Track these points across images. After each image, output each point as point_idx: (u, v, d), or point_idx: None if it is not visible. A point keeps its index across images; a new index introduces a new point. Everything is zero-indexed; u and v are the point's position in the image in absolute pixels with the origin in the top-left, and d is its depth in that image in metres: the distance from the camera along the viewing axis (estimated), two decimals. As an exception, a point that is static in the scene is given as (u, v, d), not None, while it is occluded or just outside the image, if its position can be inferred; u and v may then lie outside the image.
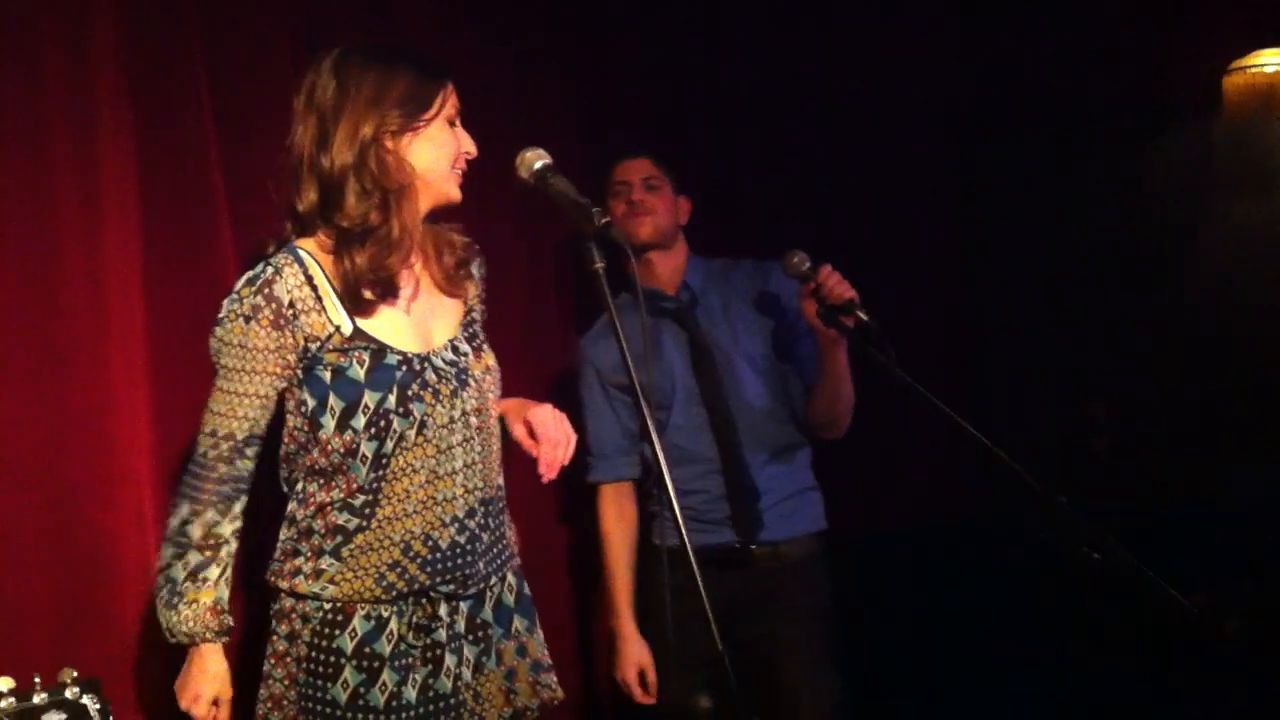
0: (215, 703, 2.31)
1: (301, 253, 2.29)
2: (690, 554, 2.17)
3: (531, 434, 2.36)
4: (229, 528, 2.30)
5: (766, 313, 3.24)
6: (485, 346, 2.44)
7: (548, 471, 2.33)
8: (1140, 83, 3.99)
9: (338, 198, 2.25)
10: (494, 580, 2.37)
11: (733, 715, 2.68)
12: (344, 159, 2.23)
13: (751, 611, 3.01)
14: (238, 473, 2.29)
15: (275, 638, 2.32)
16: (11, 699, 1.88)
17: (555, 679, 2.46)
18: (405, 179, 2.28)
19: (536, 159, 2.31)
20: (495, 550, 2.37)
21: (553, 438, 2.34)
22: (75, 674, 1.93)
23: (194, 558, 2.27)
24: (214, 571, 2.28)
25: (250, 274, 2.28)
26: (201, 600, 2.26)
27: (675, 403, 3.14)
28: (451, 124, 2.34)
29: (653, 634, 3.15)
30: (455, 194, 2.37)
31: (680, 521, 2.21)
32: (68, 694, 1.92)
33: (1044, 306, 4.17)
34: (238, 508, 2.31)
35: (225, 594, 2.30)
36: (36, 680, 1.91)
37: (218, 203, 2.91)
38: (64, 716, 1.90)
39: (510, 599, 2.41)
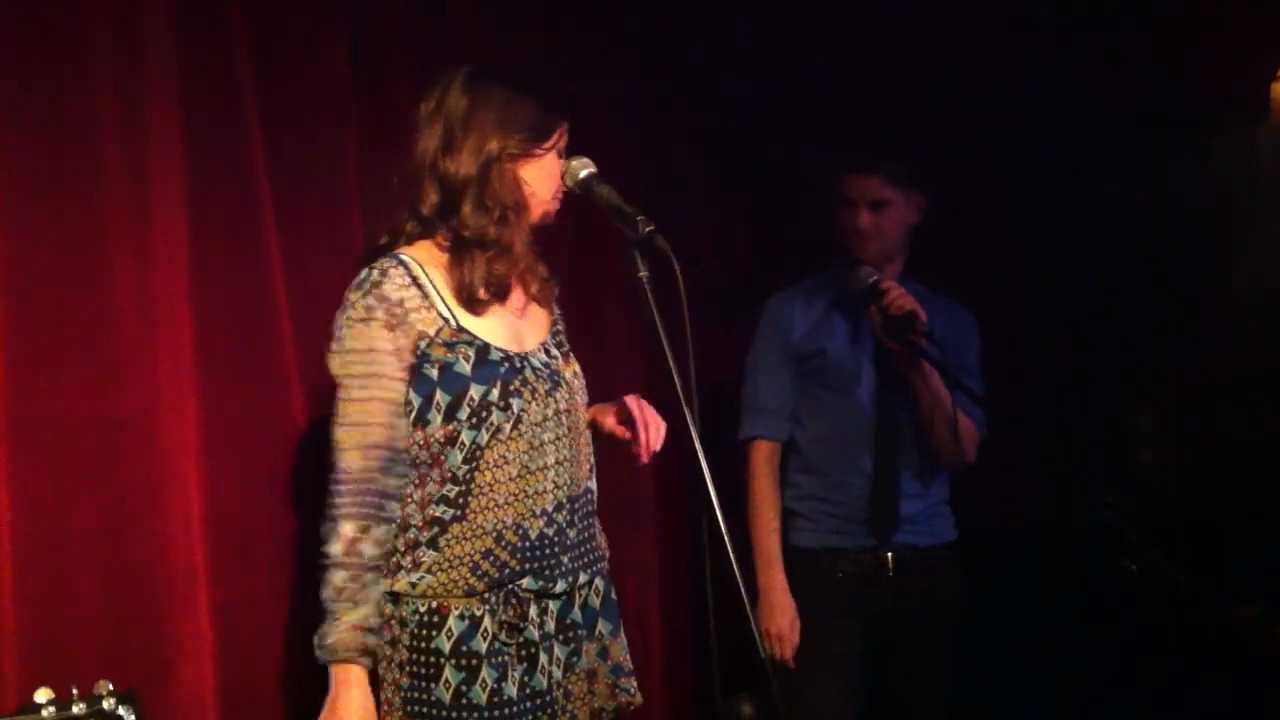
0: None
1: (405, 257, 2.38)
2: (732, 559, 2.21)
3: (622, 421, 2.46)
4: (372, 544, 2.28)
5: (952, 349, 3.17)
6: (571, 354, 2.53)
7: (644, 454, 2.42)
8: (1189, 87, 3.94)
9: (457, 203, 2.36)
10: (582, 579, 2.40)
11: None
12: (468, 169, 2.35)
13: (888, 616, 3.09)
14: (379, 486, 2.29)
15: (380, 642, 2.33)
16: (51, 709, 1.88)
17: (635, 684, 2.49)
18: (522, 198, 2.38)
19: (582, 168, 2.40)
20: (583, 549, 2.42)
21: (645, 420, 2.42)
22: (111, 686, 1.93)
23: (338, 576, 2.26)
24: (357, 590, 2.25)
25: (356, 281, 2.37)
26: (349, 619, 2.24)
27: (850, 391, 3.15)
28: (561, 155, 2.44)
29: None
30: (552, 214, 2.48)
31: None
32: (104, 705, 1.92)
33: (1089, 314, 4.13)
34: (381, 525, 2.29)
35: (373, 612, 2.27)
36: (74, 691, 1.91)
37: (264, 211, 2.91)
38: None
39: (596, 602, 2.45)
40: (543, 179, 2.41)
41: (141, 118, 2.71)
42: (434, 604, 2.30)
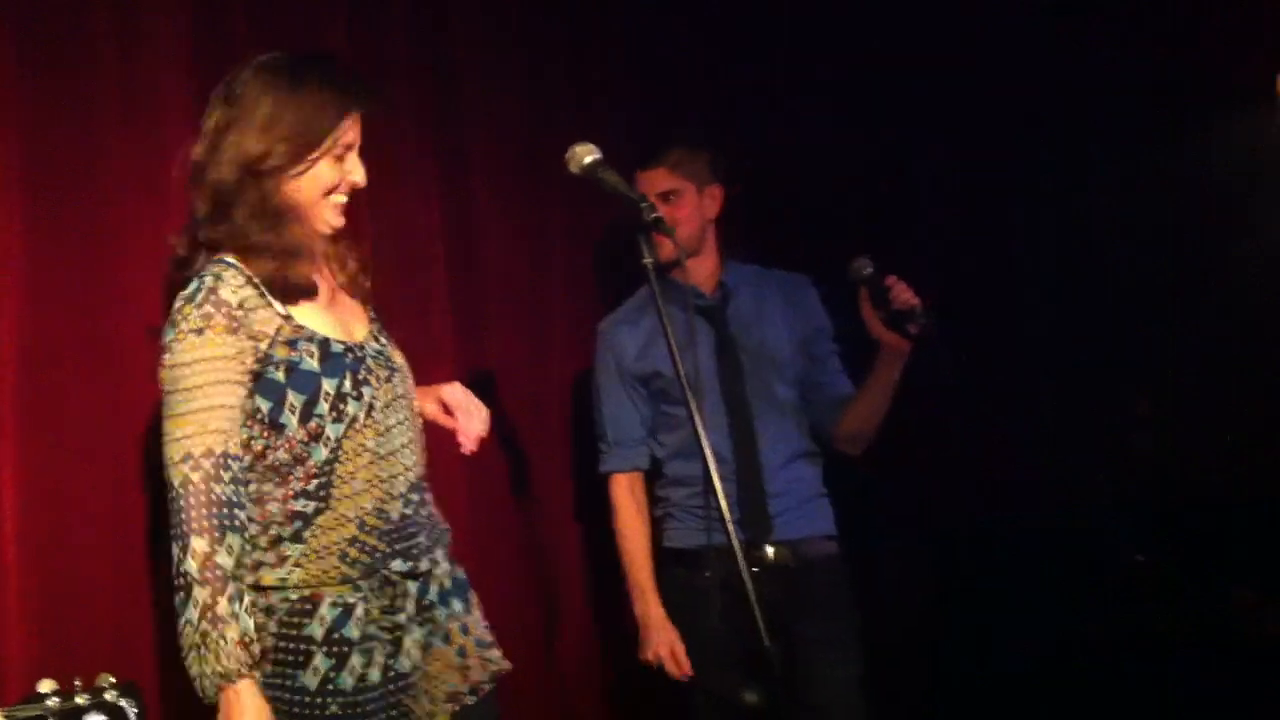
0: None
1: (231, 260, 2.30)
2: (737, 548, 2.29)
3: (446, 411, 2.51)
4: (228, 557, 2.17)
5: (797, 322, 3.25)
6: (392, 342, 2.51)
7: (467, 443, 2.47)
8: (1196, 72, 3.90)
9: (226, 212, 2.29)
10: (437, 557, 2.41)
11: (776, 707, 2.73)
12: (229, 177, 2.27)
13: (772, 611, 2.98)
14: (226, 496, 2.19)
15: None
16: (55, 699, 1.89)
17: (499, 653, 2.50)
18: (288, 203, 2.32)
19: (587, 154, 2.38)
20: (430, 525, 2.42)
21: (467, 409, 2.48)
22: (113, 679, 1.94)
23: (202, 594, 2.14)
24: (226, 605, 2.14)
25: (187, 293, 2.26)
26: (228, 636, 2.13)
27: (700, 399, 3.10)
28: (341, 158, 2.34)
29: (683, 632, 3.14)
30: (335, 222, 2.40)
31: (726, 514, 2.28)
32: (107, 696, 1.92)
33: (1086, 299, 4.11)
34: (232, 536, 2.19)
35: (251, 625, 2.17)
36: (77, 683, 1.91)
37: None
38: (103, 718, 1.91)
39: (449, 582, 2.44)
40: (312, 188, 2.32)
41: (150, 102, 2.77)
42: (306, 593, 2.27)
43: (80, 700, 1.90)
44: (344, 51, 3.08)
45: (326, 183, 2.33)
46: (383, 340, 2.47)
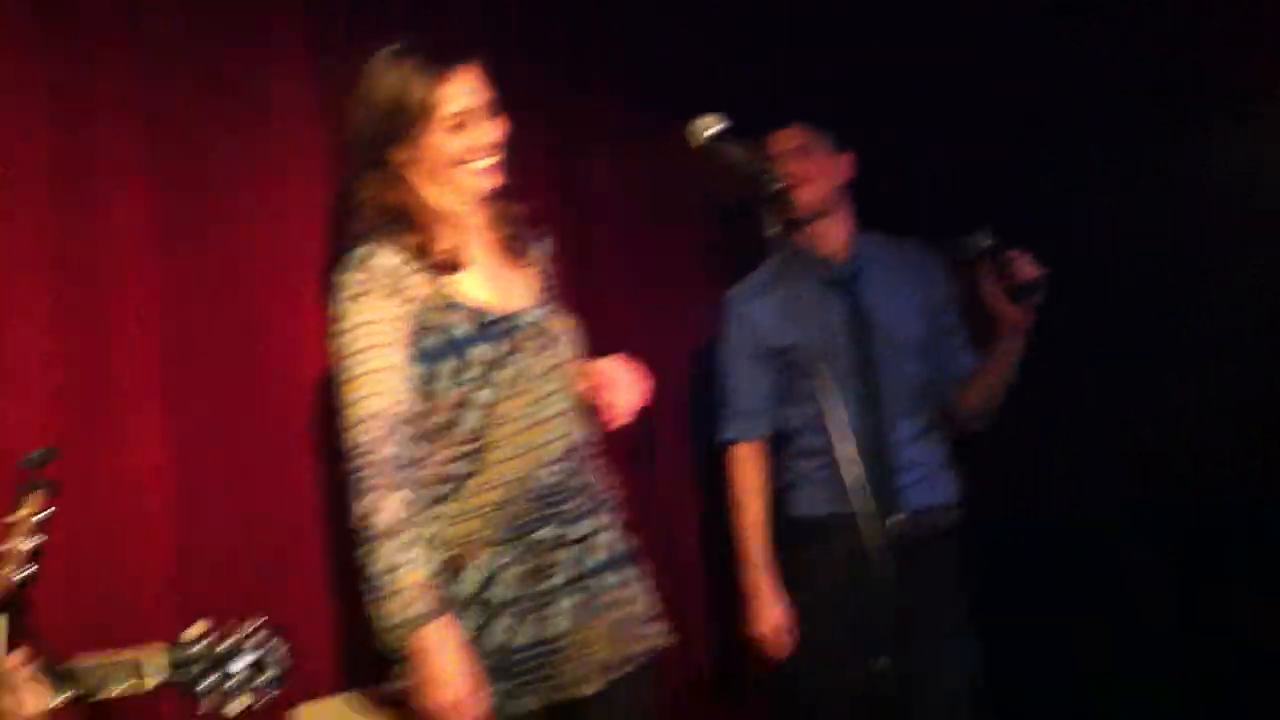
0: (469, 689, 2.25)
1: (377, 238, 2.38)
2: (865, 519, 2.36)
3: (596, 385, 2.47)
4: (409, 510, 2.27)
5: (926, 293, 3.24)
6: (561, 309, 2.52)
7: (611, 418, 2.45)
8: (1196, 72, 3.95)
9: (365, 195, 2.39)
10: (595, 525, 2.43)
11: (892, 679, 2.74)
12: (359, 162, 2.39)
13: (894, 584, 3.00)
14: (400, 455, 2.28)
15: None
16: (205, 641, 2.01)
17: (663, 627, 2.50)
18: (424, 179, 2.39)
19: (711, 125, 2.35)
20: (590, 494, 2.44)
21: (612, 383, 2.44)
22: (261, 623, 2.05)
23: (386, 547, 2.24)
24: (411, 554, 2.24)
25: (344, 263, 2.36)
26: (409, 582, 2.22)
27: (831, 371, 3.12)
28: (458, 127, 2.36)
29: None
30: (479, 188, 2.42)
31: (855, 486, 2.34)
32: (255, 640, 2.04)
33: (1100, 295, 4.13)
34: (410, 490, 2.28)
35: (429, 570, 2.25)
36: (227, 626, 2.03)
37: None
38: (252, 660, 2.02)
39: (613, 551, 2.46)
40: (442, 164, 2.38)
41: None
42: (455, 553, 2.33)
43: (230, 643, 2.02)
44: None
45: (451, 154, 2.36)
46: (544, 308, 2.48)
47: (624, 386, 2.45)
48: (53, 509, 2.07)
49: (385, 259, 2.34)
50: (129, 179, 2.64)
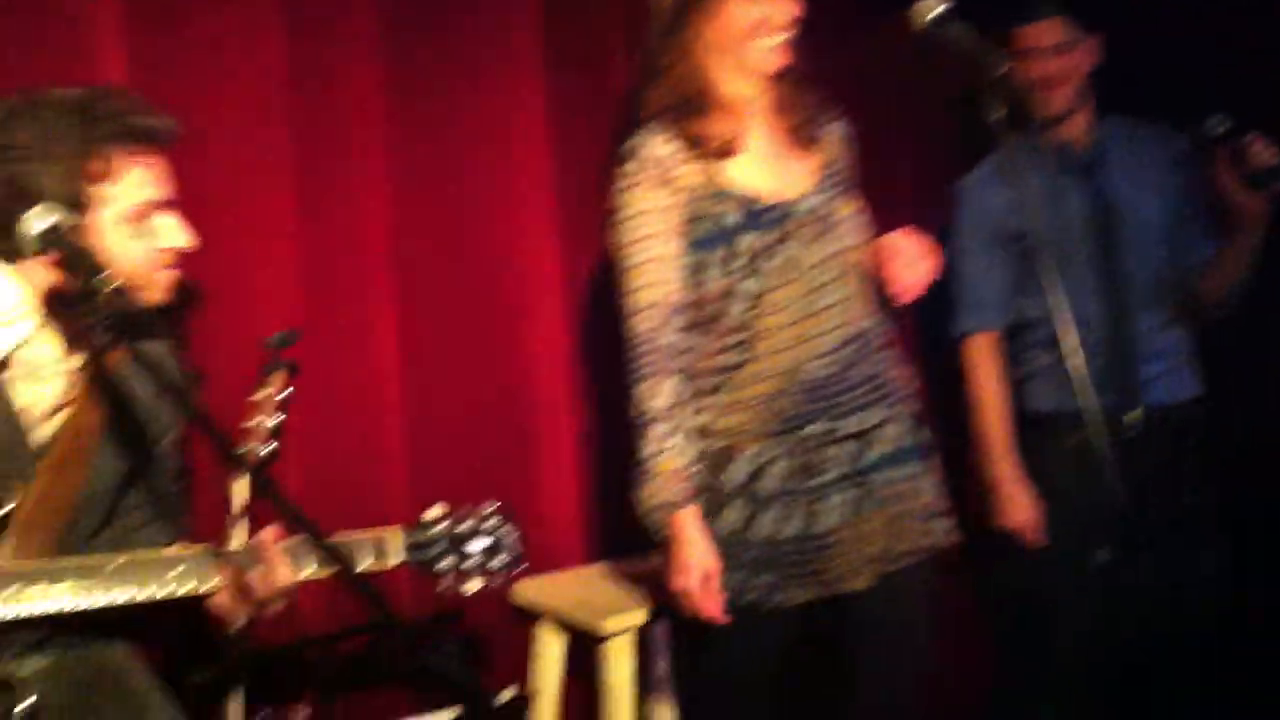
0: (707, 576, 2.28)
1: (658, 121, 2.35)
2: (1101, 413, 2.23)
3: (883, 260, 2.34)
4: (677, 397, 2.32)
5: (1169, 179, 3.03)
6: (848, 193, 2.43)
7: (898, 292, 2.31)
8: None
9: (655, 74, 2.36)
10: (875, 419, 2.37)
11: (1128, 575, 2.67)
12: (654, 37, 2.35)
13: (1135, 478, 2.91)
14: (672, 343, 2.32)
15: None
16: (445, 523, 2.03)
17: (949, 524, 2.42)
18: (714, 58, 2.32)
19: (929, 9, 2.25)
20: (872, 386, 2.37)
21: (899, 256, 2.30)
22: (495, 507, 2.07)
23: (663, 429, 2.29)
24: (676, 440, 2.29)
25: (619, 153, 2.36)
26: (668, 468, 2.28)
27: (1070, 260, 3.02)
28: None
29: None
30: (767, 66, 2.34)
31: (1091, 378, 2.24)
32: (490, 523, 2.06)
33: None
34: (680, 378, 2.32)
35: (686, 460, 2.30)
36: (463, 509, 2.06)
37: (618, 79, 3.01)
38: (487, 543, 2.05)
39: (899, 443, 2.39)
40: (731, 32, 2.31)
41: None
42: (725, 443, 2.32)
43: (466, 526, 2.04)
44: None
45: (743, 25, 2.30)
46: (826, 196, 2.39)
47: (909, 260, 2.31)
48: (291, 389, 2.19)
49: (655, 148, 2.32)
50: (368, 90, 2.74)
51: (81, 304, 1.72)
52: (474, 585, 2.05)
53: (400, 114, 2.77)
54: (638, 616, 2.67)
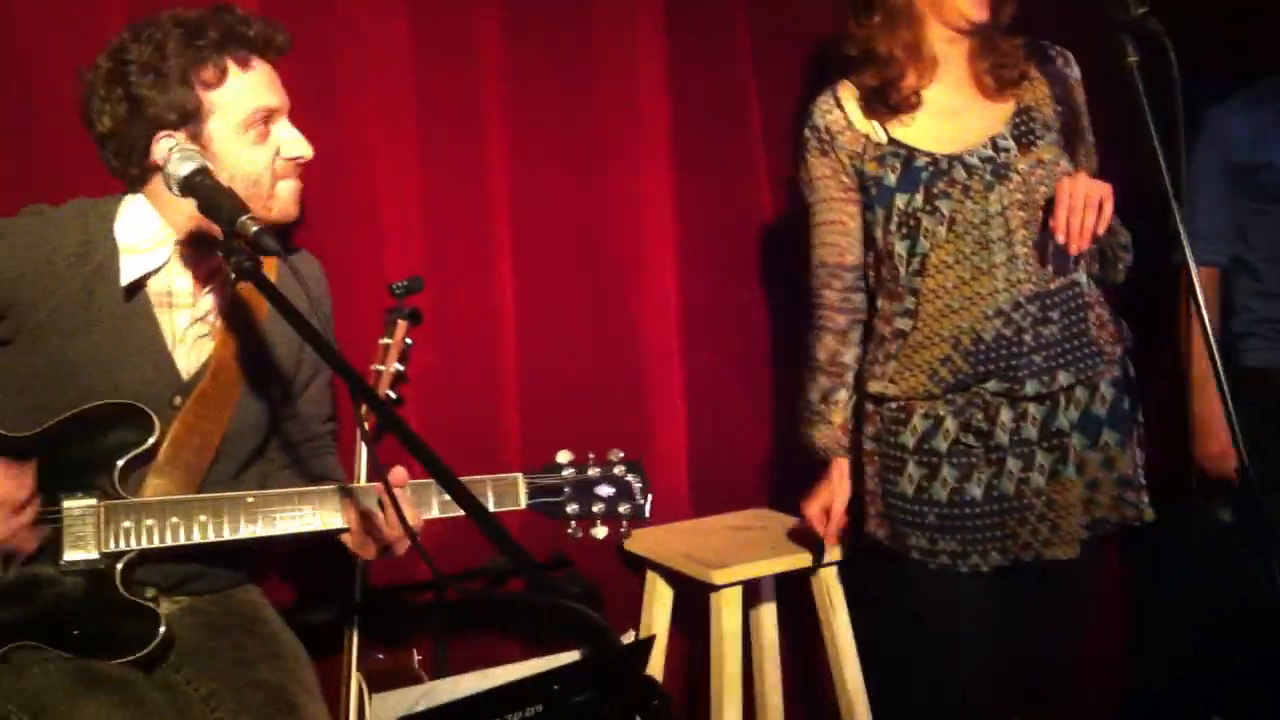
0: (828, 511, 2.48)
1: (838, 84, 2.40)
2: None
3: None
4: (850, 355, 2.43)
5: None
6: (1040, 142, 2.30)
7: (1066, 239, 2.16)
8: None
9: (860, 18, 2.35)
10: (1063, 380, 2.27)
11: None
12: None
13: None
14: (844, 300, 2.42)
15: (863, 438, 2.42)
16: (571, 470, 2.07)
17: (1145, 499, 2.35)
18: (904, 5, 2.30)
19: None
20: (1064, 349, 2.30)
21: (1072, 203, 2.17)
22: (622, 454, 2.11)
23: (824, 382, 2.44)
24: (842, 394, 2.44)
25: (804, 115, 2.42)
26: (834, 420, 2.44)
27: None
28: None
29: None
30: (972, 14, 2.28)
31: None
32: (615, 470, 2.09)
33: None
34: (855, 336, 2.44)
35: (848, 415, 2.45)
36: (590, 456, 2.10)
37: (737, 10, 3.03)
38: (613, 490, 2.08)
39: (1101, 410, 2.32)
40: None
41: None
42: (902, 402, 2.34)
43: (592, 472, 2.08)
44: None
45: None
46: (1008, 144, 2.29)
47: (1079, 205, 2.17)
48: (412, 341, 2.21)
49: (820, 116, 2.38)
50: (490, 38, 2.75)
51: (223, 245, 1.74)
52: (600, 531, 2.08)
53: (521, 65, 2.78)
54: (749, 569, 2.67)
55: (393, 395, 2.26)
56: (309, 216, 2.34)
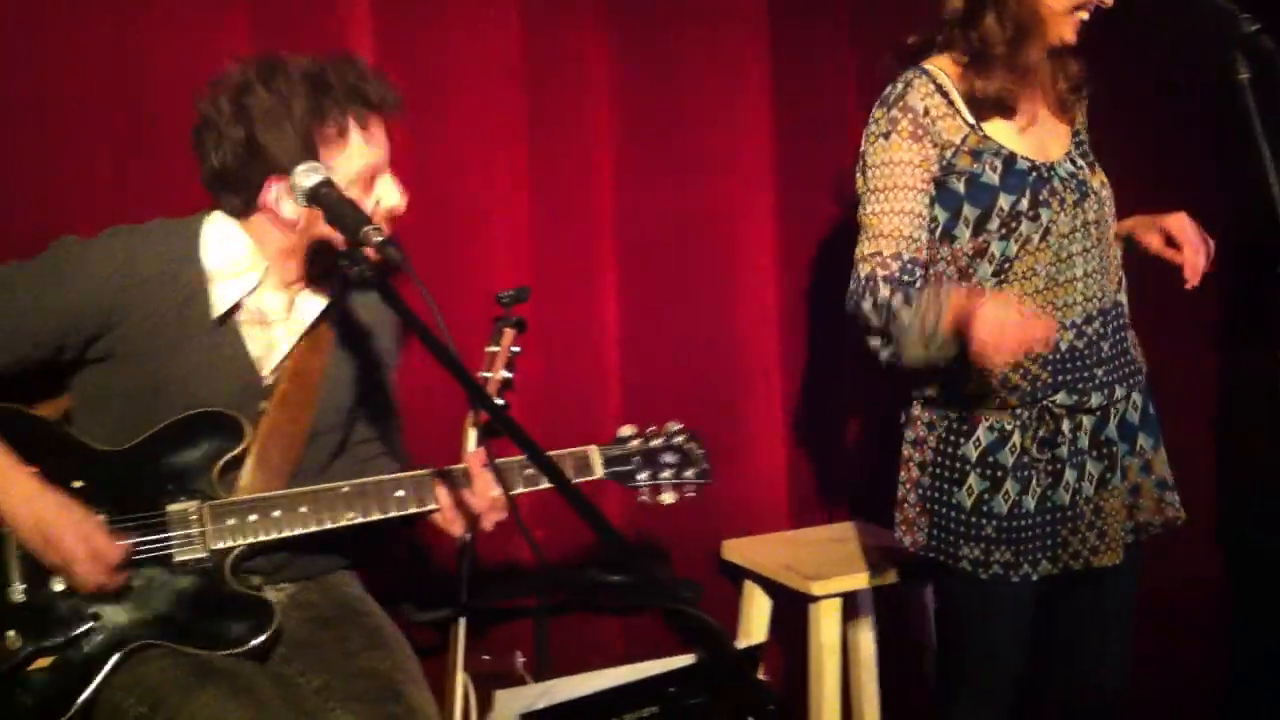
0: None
1: (929, 68, 2.29)
2: None
3: (1170, 242, 2.28)
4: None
5: None
6: (1097, 165, 2.37)
7: (1193, 277, 2.25)
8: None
9: (980, 15, 2.24)
10: (1118, 393, 2.31)
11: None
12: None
13: None
14: (897, 297, 2.20)
15: (906, 444, 2.36)
16: (636, 441, 2.25)
17: (1179, 498, 2.37)
18: (1038, 15, 2.24)
19: None
20: (1118, 363, 2.32)
21: (1194, 241, 2.26)
22: (680, 425, 2.29)
23: (898, 303, 2.17)
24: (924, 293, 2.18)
25: (881, 96, 2.30)
26: (914, 304, 2.15)
27: None
28: None
29: None
30: (1069, 37, 2.27)
31: None
32: (676, 440, 2.27)
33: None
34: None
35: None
36: (651, 428, 2.27)
37: (842, 33, 3.04)
38: (676, 457, 2.26)
39: (1135, 416, 2.34)
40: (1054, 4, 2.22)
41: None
42: (964, 413, 2.27)
43: (655, 443, 2.25)
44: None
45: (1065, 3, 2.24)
46: (1081, 163, 2.33)
47: (1200, 245, 2.26)
48: (519, 348, 2.27)
49: (919, 98, 2.25)
50: (595, 58, 2.81)
51: (346, 254, 1.83)
52: (669, 497, 2.24)
53: (625, 80, 2.83)
54: (847, 581, 2.68)
55: (500, 401, 2.31)
56: (420, 227, 2.42)
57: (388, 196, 2.06)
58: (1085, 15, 2.25)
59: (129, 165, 2.40)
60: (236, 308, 2.05)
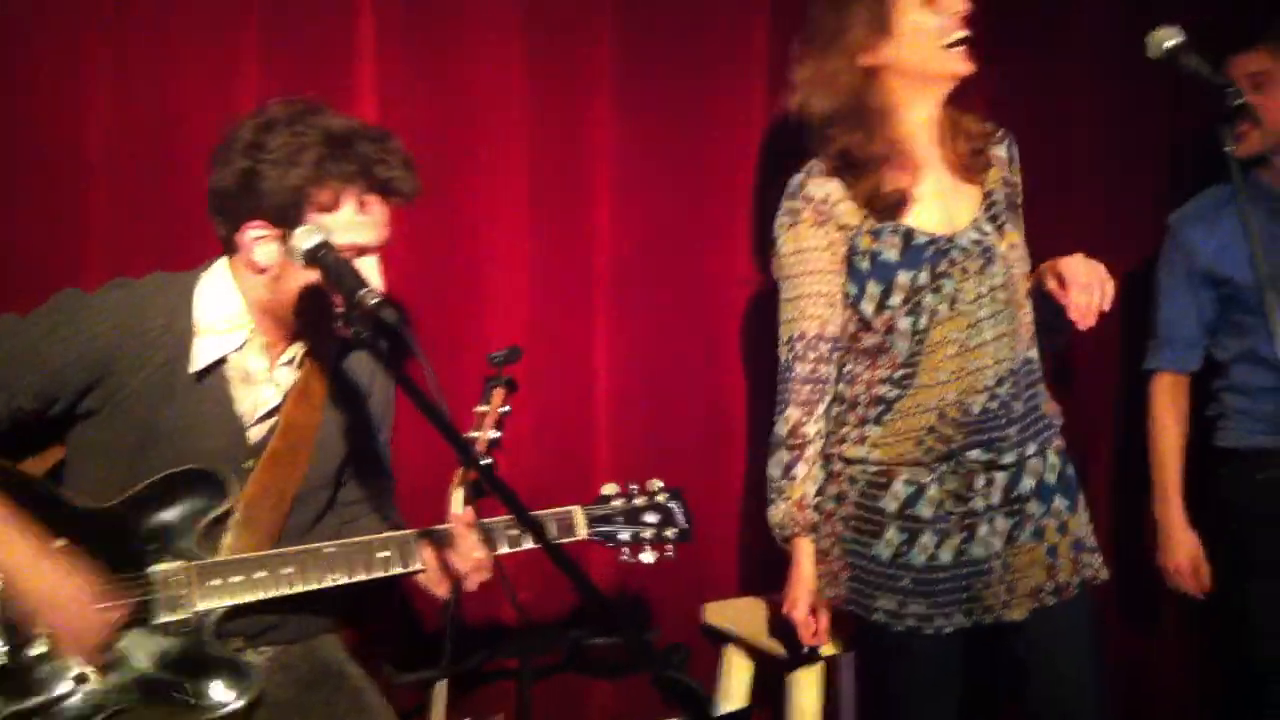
0: (813, 610, 2.38)
1: (821, 158, 2.36)
2: None
3: (1062, 283, 2.28)
4: (813, 428, 2.37)
5: None
6: (1008, 225, 2.37)
7: (1079, 317, 2.24)
8: None
9: (825, 136, 2.33)
10: (1030, 451, 2.33)
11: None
12: (823, 105, 2.31)
13: None
14: (815, 374, 2.36)
15: (822, 498, 2.39)
16: (619, 500, 2.26)
17: (1099, 559, 2.40)
18: (883, 96, 2.30)
19: (1169, 37, 2.20)
20: (1029, 420, 2.34)
21: (1083, 282, 2.25)
22: (662, 483, 2.30)
23: (784, 456, 2.37)
24: (801, 470, 2.36)
25: (787, 186, 2.38)
26: (791, 496, 2.36)
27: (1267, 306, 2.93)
28: (929, 1, 2.27)
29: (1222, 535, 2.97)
30: (959, 68, 2.30)
31: None
32: (658, 499, 2.28)
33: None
34: (820, 409, 2.37)
35: (811, 490, 2.37)
36: (633, 487, 2.29)
37: None
38: (658, 517, 2.27)
39: (1051, 476, 2.37)
40: (912, 45, 2.27)
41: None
42: (883, 468, 2.31)
43: (638, 501, 2.27)
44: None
45: (927, 29, 2.27)
46: (988, 228, 2.35)
47: (1089, 285, 2.25)
48: (509, 408, 2.26)
49: (816, 186, 2.33)
50: (598, 113, 2.82)
51: (344, 315, 1.83)
52: (649, 556, 2.25)
53: (628, 136, 2.84)
54: (827, 646, 2.65)
55: (487, 460, 2.29)
56: (416, 282, 2.40)
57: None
58: (958, 35, 2.28)
59: (133, 217, 2.39)
60: (221, 363, 2.03)
